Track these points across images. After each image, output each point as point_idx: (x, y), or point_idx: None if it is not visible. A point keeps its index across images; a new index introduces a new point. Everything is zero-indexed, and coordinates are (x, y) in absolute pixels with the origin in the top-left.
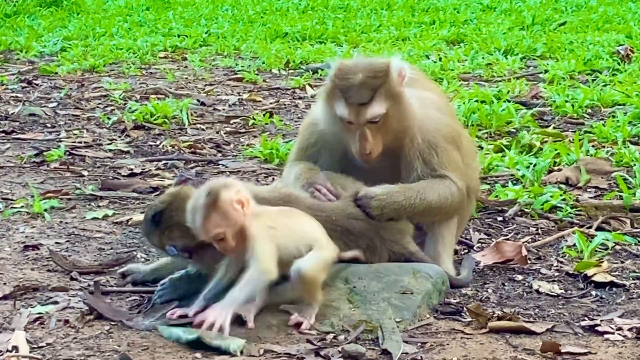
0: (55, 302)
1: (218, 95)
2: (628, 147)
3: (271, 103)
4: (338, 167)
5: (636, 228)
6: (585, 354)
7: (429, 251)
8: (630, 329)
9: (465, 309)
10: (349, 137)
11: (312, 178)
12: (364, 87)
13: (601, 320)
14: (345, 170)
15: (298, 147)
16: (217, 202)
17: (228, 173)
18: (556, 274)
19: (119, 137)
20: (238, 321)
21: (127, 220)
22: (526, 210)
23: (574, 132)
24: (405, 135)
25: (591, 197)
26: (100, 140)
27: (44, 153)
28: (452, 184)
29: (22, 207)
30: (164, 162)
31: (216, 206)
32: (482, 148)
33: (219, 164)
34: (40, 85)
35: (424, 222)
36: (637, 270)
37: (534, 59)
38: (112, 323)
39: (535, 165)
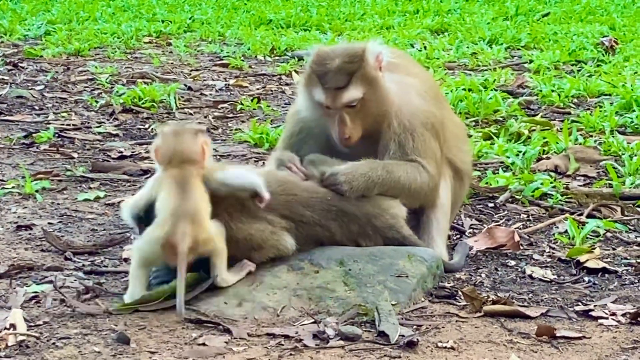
0: (51, 282)
1: (204, 80)
2: (616, 136)
3: (258, 89)
4: (323, 154)
5: (627, 216)
6: (580, 338)
7: (423, 235)
8: (623, 315)
9: (460, 292)
10: (329, 122)
11: (282, 158)
12: (340, 72)
13: (595, 306)
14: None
15: (284, 135)
16: None
17: (219, 157)
18: (548, 259)
19: (108, 120)
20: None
21: (119, 202)
22: (517, 197)
23: (561, 121)
24: (383, 119)
25: (580, 185)
26: (88, 122)
27: (33, 135)
28: (422, 168)
29: (13, 187)
30: None
31: None
32: (471, 136)
33: None
34: (26, 68)
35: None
36: (628, 257)
37: (519, 49)
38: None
39: (524, 153)
